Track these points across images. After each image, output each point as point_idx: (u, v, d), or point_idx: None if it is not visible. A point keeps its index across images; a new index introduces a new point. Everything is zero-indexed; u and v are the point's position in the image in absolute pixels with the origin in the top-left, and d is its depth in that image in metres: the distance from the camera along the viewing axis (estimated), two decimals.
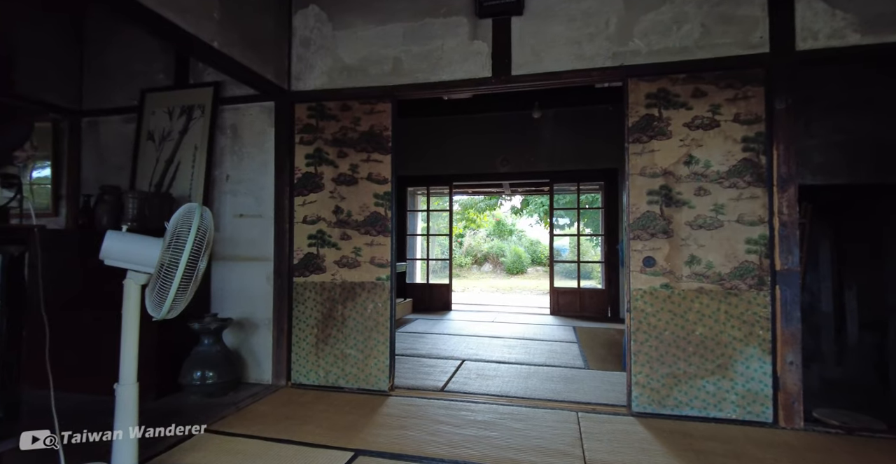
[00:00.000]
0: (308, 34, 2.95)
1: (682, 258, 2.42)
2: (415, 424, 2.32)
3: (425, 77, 2.76)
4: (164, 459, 1.92)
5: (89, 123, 3.43)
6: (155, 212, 2.80)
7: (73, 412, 1.59)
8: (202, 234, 1.59)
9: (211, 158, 3.07)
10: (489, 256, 15.54)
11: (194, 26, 2.13)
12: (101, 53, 3.41)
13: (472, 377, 3.15)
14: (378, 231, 2.85)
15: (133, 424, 1.63)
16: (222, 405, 2.55)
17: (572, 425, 2.30)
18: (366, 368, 2.81)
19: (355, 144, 2.88)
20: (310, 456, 1.95)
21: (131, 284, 1.62)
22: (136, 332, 1.64)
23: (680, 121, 2.45)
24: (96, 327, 2.55)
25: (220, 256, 3.02)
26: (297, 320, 2.92)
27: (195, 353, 2.67)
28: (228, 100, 3.08)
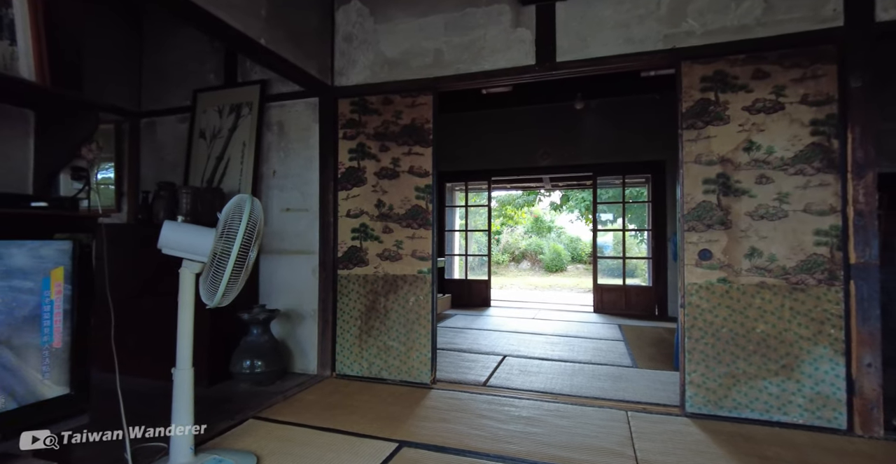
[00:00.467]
0: (350, 29, 2.98)
1: (742, 251, 2.27)
2: (458, 417, 2.30)
3: (467, 68, 2.73)
4: (218, 442, 1.99)
5: (147, 123, 3.62)
6: (207, 207, 2.92)
7: (133, 395, 1.67)
8: (252, 224, 1.63)
9: (258, 154, 3.16)
10: (527, 254, 15.33)
11: (242, 23, 2.19)
12: (157, 57, 3.59)
13: (514, 373, 3.10)
14: (419, 224, 2.84)
15: (189, 407, 1.70)
16: (270, 393, 2.62)
17: (622, 425, 2.21)
18: (408, 360, 2.81)
19: (397, 137, 2.89)
20: (356, 445, 1.97)
21: (186, 273, 1.68)
22: (191, 318, 1.70)
23: (739, 104, 2.29)
24: (155, 315, 2.68)
25: (268, 249, 3.11)
26: (342, 312, 2.96)
27: (244, 342, 2.76)
28: (274, 97, 3.16)
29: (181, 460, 1.67)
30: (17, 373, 1.16)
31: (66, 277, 1.26)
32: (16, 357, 1.16)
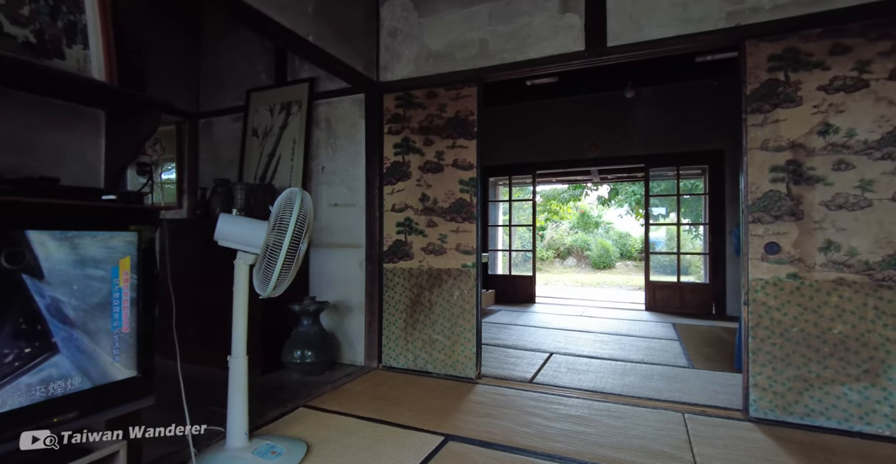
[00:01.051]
0: (395, 24, 2.99)
1: (816, 244, 2.08)
2: (504, 413, 2.26)
3: (512, 57, 2.66)
4: (271, 429, 2.07)
5: (205, 123, 3.81)
6: (259, 202, 3.03)
7: (192, 382, 1.75)
8: (302, 216, 1.66)
9: (308, 150, 3.25)
10: (573, 250, 14.94)
11: (291, 21, 2.24)
12: (213, 59, 3.76)
13: (561, 371, 3.02)
14: (463, 218, 2.82)
15: (244, 394, 1.76)
16: (319, 383, 2.70)
17: (678, 427, 2.09)
18: (453, 354, 2.80)
19: (441, 130, 2.87)
20: (402, 437, 1.98)
21: (241, 264, 1.75)
22: (246, 308, 1.77)
23: (813, 84, 2.09)
24: (212, 306, 2.82)
25: (317, 243, 3.19)
26: (387, 305, 2.99)
27: (295, 333, 2.85)
28: (322, 94, 3.23)
29: (237, 445, 1.74)
30: (92, 355, 1.24)
31: (132, 267, 1.34)
32: (90, 341, 1.24)
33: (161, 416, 1.99)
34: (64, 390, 1.17)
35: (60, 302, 1.16)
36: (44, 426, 1.12)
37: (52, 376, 1.14)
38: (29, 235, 1.10)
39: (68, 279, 1.18)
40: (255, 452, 1.72)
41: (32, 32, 1.30)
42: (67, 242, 1.17)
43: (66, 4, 1.39)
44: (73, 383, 1.19)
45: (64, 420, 1.16)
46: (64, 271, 1.17)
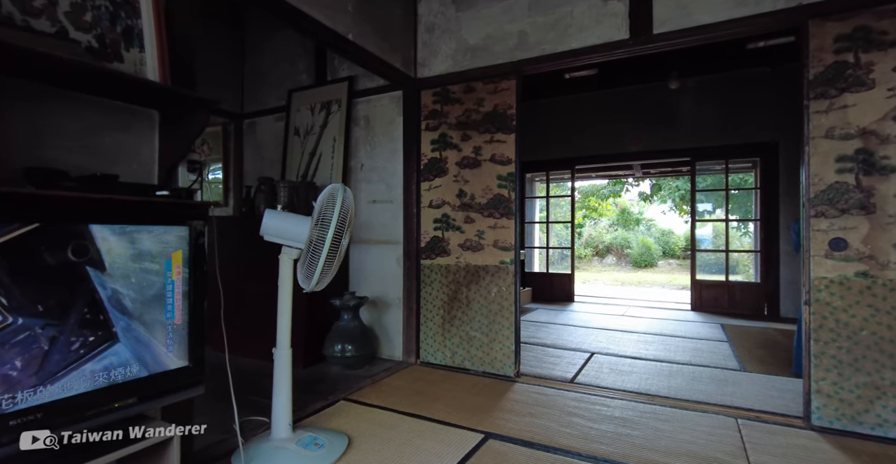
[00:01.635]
0: (433, 19, 2.97)
1: (891, 240, 1.91)
2: (545, 412, 2.22)
3: (553, 48, 2.59)
4: (313, 421, 2.11)
5: (249, 123, 3.93)
6: (302, 199, 3.10)
7: (238, 373, 1.81)
8: (344, 212, 1.68)
9: (347, 148, 3.29)
10: (612, 248, 14.54)
11: (331, 20, 2.27)
12: (256, 60, 3.88)
13: (603, 371, 2.93)
14: (501, 213, 2.78)
15: (288, 385, 1.80)
16: (359, 377, 2.73)
17: (731, 433, 1.98)
18: (491, 351, 2.77)
19: (478, 125, 2.84)
20: (441, 433, 1.97)
21: (285, 259, 1.78)
22: (290, 302, 1.80)
23: (888, 65, 1.92)
24: (257, 300, 2.91)
25: (356, 239, 3.24)
26: (425, 301, 3.00)
27: (336, 327, 2.90)
28: (361, 93, 3.27)
29: (281, 435, 1.78)
30: (148, 345, 1.30)
31: (184, 261, 1.39)
32: (146, 331, 1.30)
33: (210, 405, 2.07)
34: (124, 377, 1.22)
35: (120, 293, 1.22)
36: (106, 412, 1.18)
37: (113, 364, 1.20)
38: (92, 229, 1.16)
39: (126, 272, 1.23)
40: (299, 443, 1.76)
41: (94, 37, 1.37)
42: (126, 237, 1.23)
43: (124, 10, 1.45)
44: (131, 371, 1.24)
45: (124, 406, 1.21)
46: (123, 264, 1.22)
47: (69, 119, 1.31)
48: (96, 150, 1.36)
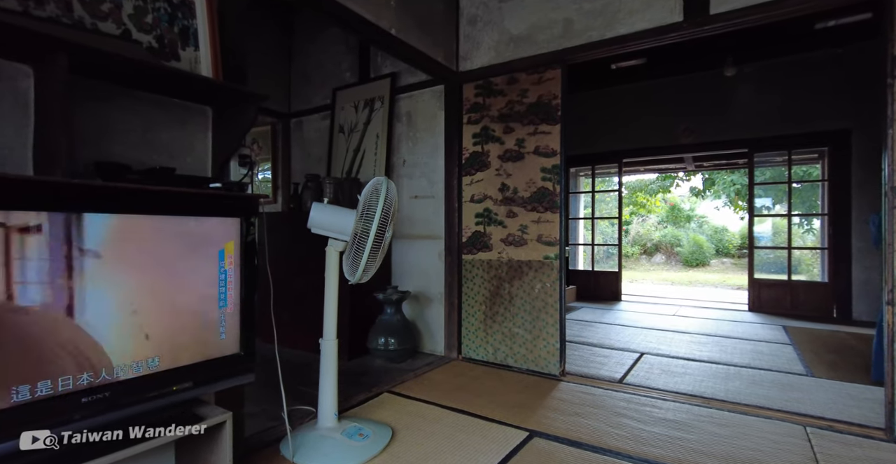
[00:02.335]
0: (475, 11, 2.94)
1: None
2: (592, 412, 2.14)
3: (600, 34, 2.50)
4: (357, 412, 2.13)
5: (296, 122, 4.05)
6: (346, 195, 3.15)
7: (285, 364, 1.86)
8: (388, 205, 1.68)
9: (390, 144, 3.32)
10: (661, 246, 13.94)
11: (375, 15, 2.29)
12: (302, 61, 3.98)
13: (654, 372, 2.80)
14: (545, 207, 2.71)
15: (334, 375, 1.83)
16: (402, 370, 2.75)
17: (799, 442, 1.83)
18: (534, 349, 2.72)
19: (522, 117, 2.78)
20: (484, 429, 1.95)
21: (331, 251, 1.81)
22: (336, 293, 1.83)
23: None
24: (303, 293, 2.99)
25: (398, 234, 3.26)
26: (467, 296, 2.98)
27: (379, 321, 2.93)
28: (403, 89, 3.28)
29: (327, 425, 1.82)
30: (204, 331, 1.35)
31: (236, 251, 1.43)
32: (203, 318, 1.35)
33: (260, 393, 2.14)
34: (181, 362, 1.28)
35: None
36: (165, 394, 1.23)
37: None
38: (153, 218, 1.21)
39: (185, 260, 1.28)
40: (344, 433, 1.78)
41: (154, 38, 1.44)
42: (183, 226, 1.28)
43: (181, 11, 1.52)
44: (188, 356, 1.30)
45: (181, 389, 1.27)
46: (181, 253, 1.28)
47: (131, 116, 1.38)
48: (155, 145, 1.43)
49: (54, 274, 1.02)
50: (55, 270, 1.02)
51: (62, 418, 1.02)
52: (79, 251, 1.06)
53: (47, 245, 1.01)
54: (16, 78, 1.14)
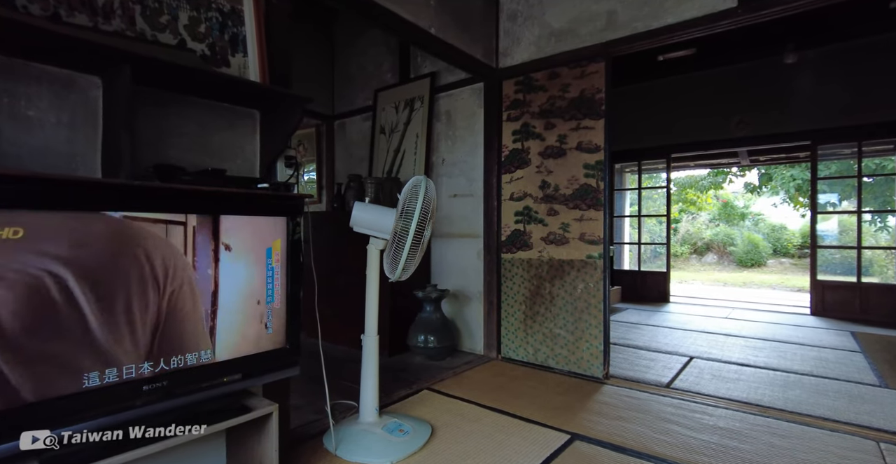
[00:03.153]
0: (515, 7, 2.90)
1: None
2: (637, 417, 2.07)
3: (646, 25, 2.40)
4: (397, 408, 2.16)
5: (339, 124, 4.15)
6: (387, 194, 3.20)
7: (328, 358, 1.91)
8: (427, 203, 1.69)
9: (429, 144, 3.34)
10: (713, 245, 13.26)
11: (414, 15, 2.30)
12: (344, 63, 4.08)
13: (704, 377, 2.67)
14: (588, 205, 2.64)
15: (375, 371, 1.87)
16: (441, 368, 2.77)
17: (871, 459, 1.69)
18: (577, 350, 2.65)
19: (563, 112, 2.72)
20: (525, 430, 1.92)
21: (372, 249, 1.85)
22: (377, 290, 1.87)
23: None
24: (345, 290, 3.07)
25: (438, 233, 3.28)
26: (506, 296, 2.95)
27: (419, 319, 2.96)
28: (442, 88, 3.29)
29: (368, 419, 1.85)
30: (252, 325, 1.41)
31: (282, 249, 1.49)
32: (252, 312, 1.41)
33: (304, 387, 2.22)
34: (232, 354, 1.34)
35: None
36: (217, 384, 1.30)
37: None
38: None
39: (236, 256, 1.35)
40: (385, 428, 1.81)
41: (207, 46, 1.51)
42: (233, 224, 1.34)
43: (231, 19, 1.59)
44: (238, 349, 1.36)
45: (231, 381, 1.33)
46: (233, 251, 1.34)
47: (185, 121, 1.46)
48: (207, 147, 1.51)
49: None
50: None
51: (126, 404, 1.10)
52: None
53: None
54: (87, 89, 1.23)
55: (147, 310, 1.14)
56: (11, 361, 0.93)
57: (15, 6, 1.07)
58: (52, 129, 1.17)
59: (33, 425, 0.95)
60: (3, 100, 1.09)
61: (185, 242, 1.22)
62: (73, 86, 1.21)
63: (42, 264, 0.96)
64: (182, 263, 1.21)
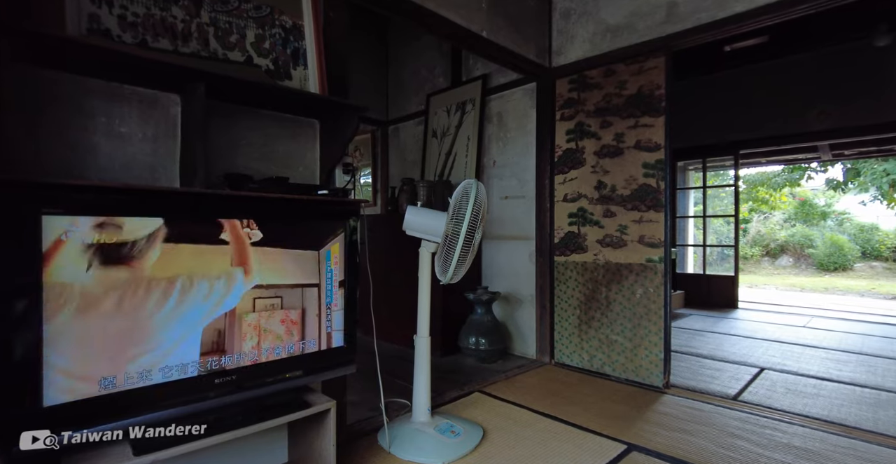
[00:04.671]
0: (568, 4, 2.84)
1: None
2: (699, 430, 1.96)
3: (711, 16, 2.26)
4: (449, 409, 2.19)
5: (393, 129, 4.26)
6: (438, 197, 3.24)
7: (384, 357, 1.96)
8: (477, 207, 1.70)
9: (480, 146, 3.35)
10: (788, 247, 12.23)
11: (466, 19, 2.32)
12: (398, 69, 4.17)
13: (777, 391, 2.48)
14: (648, 206, 2.53)
15: (427, 371, 1.90)
16: (492, 371, 2.76)
17: None
18: (635, 358, 2.55)
19: (620, 110, 2.62)
20: (579, 438, 1.88)
21: (424, 252, 1.88)
22: (429, 292, 1.90)
23: None
24: (399, 291, 3.14)
25: (489, 235, 3.27)
26: (559, 299, 2.89)
27: (470, 320, 2.97)
28: (494, 89, 3.29)
29: (421, 419, 1.89)
30: (314, 325, 1.48)
31: (340, 252, 1.55)
32: (314, 313, 1.48)
33: (359, 384, 2.29)
34: (291, 352, 1.42)
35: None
36: (280, 380, 1.38)
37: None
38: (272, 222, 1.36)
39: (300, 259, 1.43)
40: (437, 428, 1.84)
41: (271, 61, 1.61)
42: (297, 229, 1.42)
43: (293, 34, 1.68)
44: (299, 347, 1.44)
45: (293, 377, 1.41)
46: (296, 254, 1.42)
47: (252, 131, 1.56)
48: (272, 156, 1.61)
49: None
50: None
51: (200, 395, 1.19)
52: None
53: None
54: (168, 106, 1.35)
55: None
56: (116, 356, 1.05)
57: (112, 37, 1.19)
58: (138, 143, 1.30)
59: (126, 410, 1.06)
60: (101, 119, 1.22)
61: (242, 247, 1.31)
62: (156, 104, 1.34)
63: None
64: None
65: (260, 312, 1.33)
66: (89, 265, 1.01)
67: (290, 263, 1.40)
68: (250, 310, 1.31)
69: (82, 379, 1.02)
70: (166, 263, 1.13)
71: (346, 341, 1.56)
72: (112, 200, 1.07)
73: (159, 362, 1.13)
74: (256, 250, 1.31)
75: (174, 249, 1.14)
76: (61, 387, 0.99)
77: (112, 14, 1.21)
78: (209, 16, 1.44)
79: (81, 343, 1.01)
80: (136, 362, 1.09)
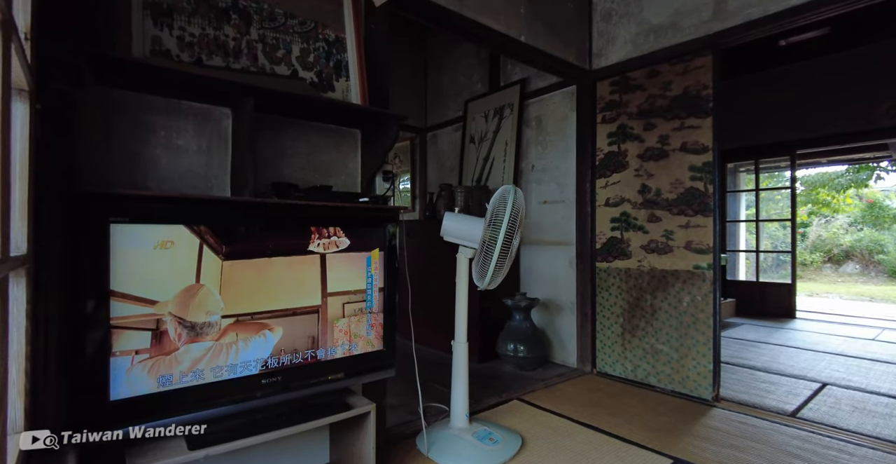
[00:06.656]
0: (609, 6, 2.78)
1: None
2: (752, 447, 1.85)
3: (762, 11, 2.16)
4: (487, 415, 2.17)
5: (431, 136, 4.31)
6: (476, 202, 3.25)
7: (422, 361, 1.98)
8: (515, 213, 1.69)
9: (518, 150, 3.33)
10: (854, 253, 11.35)
11: (505, 25, 2.32)
12: (436, 77, 4.22)
13: (841, 408, 2.30)
14: (695, 210, 2.43)
15: (465, 377, 1.90)
16: (531, 379, 2.72)
17: None
18: (681, 369, 2.45)
19: (665, 111, 2.54)
20: (621, 450, 1.82)
21: (462, 258, 1.89)
22: (466, 298, 1.90)
23: None
24: (439, 295, 3.16)
25: (527, 240, 3.24)
26: (601, 307, 2.82)
27: (508, 327, 2.95)
28: (532, 94, 3.26)
29: (458, 425, 1.89)
30: (354, 329, 1.52)
31: (380, 258, 1.59)
32: (354, 318, 1.52)
33: (398, 387, 2.32)
34: (333, 355, 1.46)
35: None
36: (323, 381, 1.42)
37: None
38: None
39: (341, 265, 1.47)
40: (475, 435, 1.83)
41: (315, 74, 1.68)
42: (339, 236, 1.47)
43: (335, 47, 1.74)
44: (340, 350, 1.47)
45: (335, 379, 1.45)
46: (337, 259, 1.46)
47: (297, 142, 1.63)
48: (316, 166, 1.67)
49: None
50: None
51: (248, 394, 1.25)
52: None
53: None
54: (220, 119, 1.44)
55: None
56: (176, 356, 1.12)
57: (172, 57, 1.28)
58: (194, 155, 1.38)
59: (181, 407, 1.13)
60: (161, 133, 1.31)
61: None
62: (210, 117, 1.42)
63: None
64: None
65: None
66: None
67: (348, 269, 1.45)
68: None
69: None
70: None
71: (386, 345, 1.59)
72: (170, 209, 1.14)
73: (211, 363, 1.19)
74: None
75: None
76: (122, 382, 1.06)
77: (172, 35, 1.30)
78: (258, 33, 1.52)
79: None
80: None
